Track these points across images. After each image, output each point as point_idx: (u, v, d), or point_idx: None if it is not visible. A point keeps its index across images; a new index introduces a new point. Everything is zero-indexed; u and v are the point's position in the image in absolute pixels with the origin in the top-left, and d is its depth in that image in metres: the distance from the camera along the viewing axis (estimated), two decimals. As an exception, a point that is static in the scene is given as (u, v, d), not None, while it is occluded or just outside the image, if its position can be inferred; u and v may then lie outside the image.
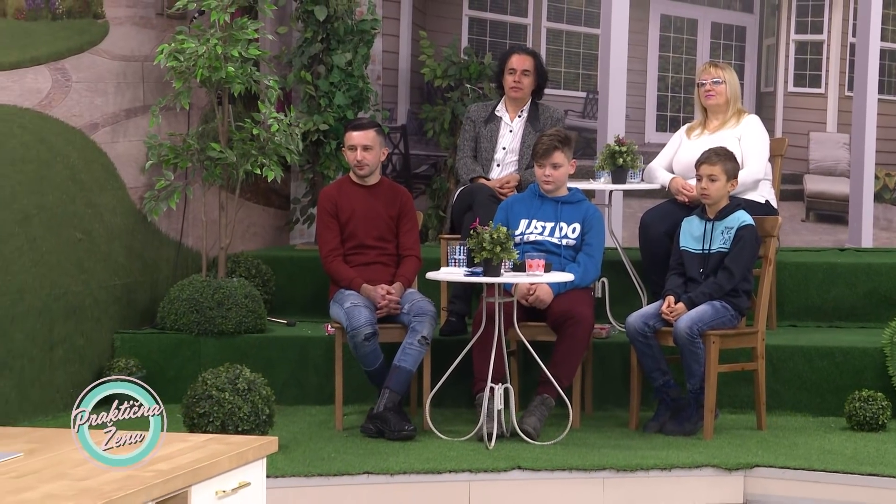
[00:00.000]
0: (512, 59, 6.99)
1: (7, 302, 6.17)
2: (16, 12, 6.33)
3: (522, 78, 6.93)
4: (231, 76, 6.69)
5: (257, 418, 5.70)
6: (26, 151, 6.36)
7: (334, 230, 6.35)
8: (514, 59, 6.97)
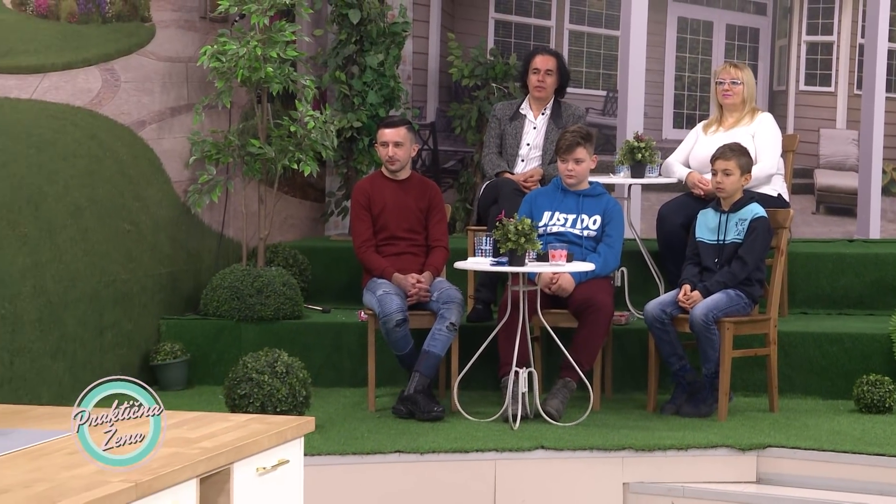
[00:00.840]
0: (536, 59, 6.98)
1: (60, 289, 6.21)
2: (68, 16, 6.36)
3: (546, 77, 6.92)
4: (270, 76, 6.71)
5: (295, 400, 5.71)
6: (78, 147, 6.40)
7: (367, 222, 6.36)
8: (538, 60, 6.96)
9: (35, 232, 6.07)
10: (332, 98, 7.82)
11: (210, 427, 3.54)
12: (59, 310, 6.20)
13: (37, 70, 6.16)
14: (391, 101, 7.73)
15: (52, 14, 6.27)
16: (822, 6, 8.25)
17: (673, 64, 8.40)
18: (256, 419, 3.70)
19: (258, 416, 3.81)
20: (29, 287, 6.01)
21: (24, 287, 5.98)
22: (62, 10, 6.32)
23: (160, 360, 6.71)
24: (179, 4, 7.11)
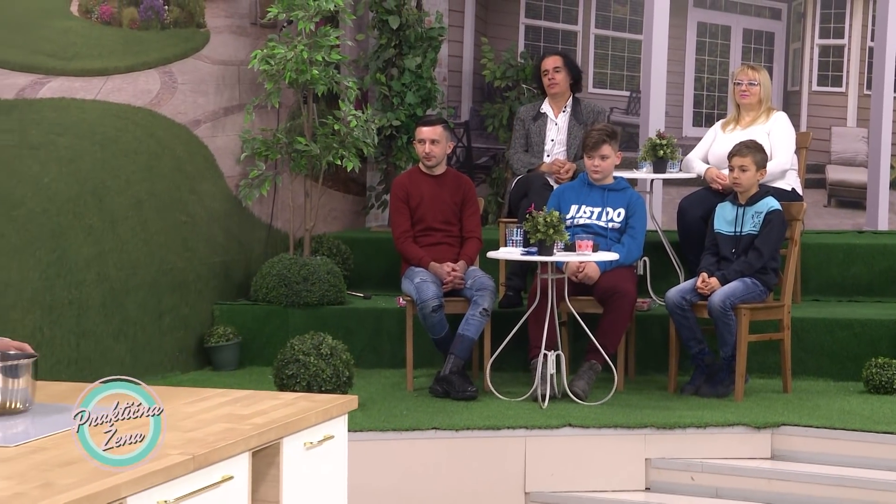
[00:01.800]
0: (544, 61, 7.05)
1: (122, 276, 6.26)
2: (130, 23, 6.39)
3: (555, 75, 6.95)
4: (315, 78, 6.73)
5: (338, 379, 5.73)
6: (139, 145, 6.44)
7: (405, 214, 6.37)
8: (546, 61, 7.03)
9: (99, 223, 6.12)
10: (373, 98, 7.83)
11: (261, 404, 3.54)
12: (120, 295, 6.24)
13: (101, 73, 6.20)
14: (428, 102, 7.73)
15: (115, 21, 6.30)
16: (834, 11, 8.20)
17: (693, 66, 8.37)
18: (304, 397, 3.70)
19: (305, 395, 3.81)
20: (93, 274, 6.06)
21: (89, 274, 6.03)
22: (124, 18, 6.35)
23: (214, 343, 6.74)
24: (232, 11, 7.14)
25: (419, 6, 7.94)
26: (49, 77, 5.89)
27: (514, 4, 8.54)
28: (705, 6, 8.41)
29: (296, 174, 7.12)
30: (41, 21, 5.89)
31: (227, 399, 3.59)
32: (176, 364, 6.63)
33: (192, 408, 3.47)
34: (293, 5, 6.76)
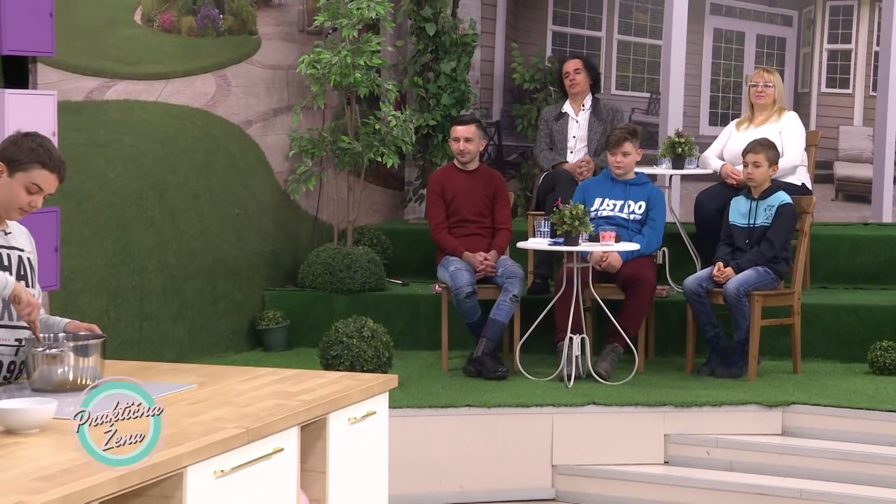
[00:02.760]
0: (565, 64, 7.04)
1: (181, 264, 6.29)
2: (188, 31, 6.42)
3: (576, 76, 6.94)
4: (358, 81, 6.74)
5: (379, 360, 5.75)
6: (196, 143, 6.47)
7: (441, 207, 6.37)
8: (567, 64, 7.02)
9: (159, 215, 6.15)
10: (411, 100, 7.83)
11: (308, 382, 3.56)
12: (179, 282, 6.28)
13: (161, 77, 6.22)
14: (462, 103, 7.73)
15: (174, 29, 6.33)
16: (842, 18, 8.15)
17: (709, 69, 8.33)
18: (347, 376, 3.70)
19: (349, 374, 3.80)
20: (154, 262, 6.09)
21: (151, 262, 6.07)
22: (183, 26, 6.38)
23: (264, 325, 6.77)
24: (281, 20, 7.16)
25: (454, 14, 7.93)
26: (115, 80, 5.92)
27: (542, 12, 8.52)
28: (721, 13, 8.36)
29: (339, 170, 7.13)
30: (108, 29, 5.92)
31: (278, 377, 3.61)
32: (230, 345, 6.67)
33: (245, 385, 3.49)
34: (338, 13, 6.77)
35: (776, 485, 5.27)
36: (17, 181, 3.36)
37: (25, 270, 3.47)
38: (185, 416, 3.09)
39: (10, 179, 3.36)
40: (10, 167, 3.36)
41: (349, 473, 3.49)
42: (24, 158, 3.35)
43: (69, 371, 3.32)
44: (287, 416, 3.16)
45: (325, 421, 3.35)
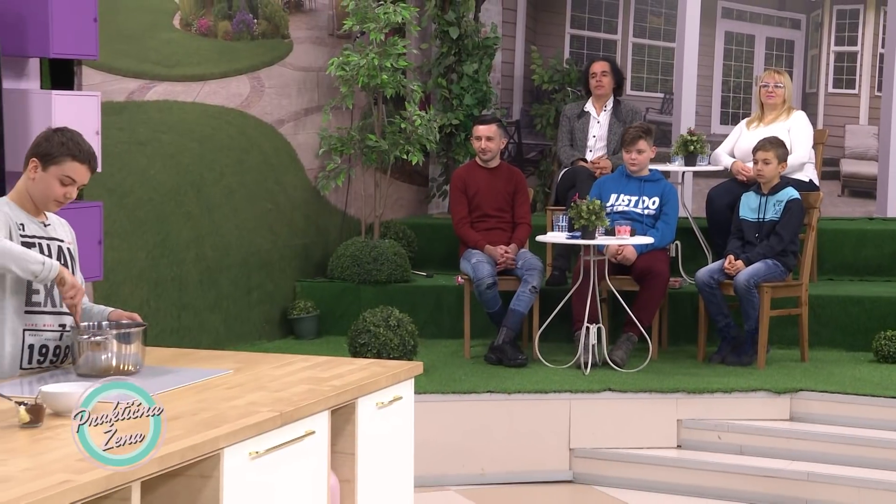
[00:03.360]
0: (592, 65, 7.00)
1: (217, 256, 6.31)
2: (224, 35, 6.44)
3: (602, 78, 6.91)
4: (385, 82, 6.74)
5: (405, 348, 5.75)
6: (231, 141, 6.48)
7: (463, 203, 6.37)
8: (594, 66, 6.98)
9: (197, 210, 6.17)
10: (435, 100, 7.83)
11: (338, 369, 3.57)
12: (215, 273, 6.30)
13: (199, 78, 6.24)
14: (483, 103, 7.72)
15: (211, 33, 6.35)
16: (848, 21, 8.10)
17: (720, 70, 8.29)
18: (375, 363, 3.71)
19: (376, 361, 3.83)
20: (192, 255, 6.12)
21: (189, 255, 6.09)
22: (219, 30, 6.40)
23: (296, 315, 6.79)
24: (312, 24, 7.17)
25: (476, 18, 7.92)
26: (154, 82, 5.94)
27: (561, 16, 8.50)
28: (732, 17, 8.32)
29: (367, 167, 7.14)
30: (148, 33, 5.94)
31: (309, 364, 3.62)
32: (263, 333, 6.69)
33: (279, 371, 3.51)
34: (366, 18, 6.77)
35: (784, 468, 5.26)
36: (51, 174, 3.40)
37: (66, 260, 3.50)
38: (221, 401, 3.11)
39: (44, 173, 3.40)
40: (43, 162, 3.40)
41: (377, 455, 3.50)
42: (56, 152, 3.38)
43: (112, 357, 3.35)
44: (318, 400, 3.17)
45: (354, 405, 3.37)
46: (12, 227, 3.37)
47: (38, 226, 3.46)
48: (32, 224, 3.44)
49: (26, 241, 3.39)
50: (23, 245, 3.36)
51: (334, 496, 3.33)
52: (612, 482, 5.45)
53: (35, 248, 3.40)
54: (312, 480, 3.18)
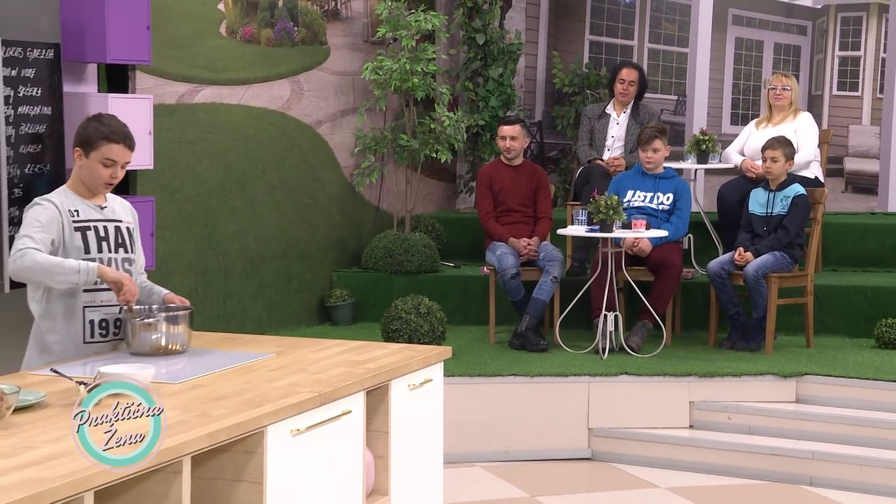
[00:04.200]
0: (622, 71, 6.90)
1: (259, 248, 6.34)
2: (266, 41, 6.45)
3: (629, 87, 6.85)
4: (416, 86, 6.74)
5: (434, 333, 5.76)
6: (272, 141, 6.50)
7: (489, 198, 6.36)
8: (624, 72, 6.89)
9: (241, 205, 6.20)
10: (463, 102, 7.82)
11: (372, 353, 3.57)
12: (258, 264, 6.32)
13: (243, 82, 6.26)
14: (508, 105, 7.71)
15: (254, 40, 6.37)
16: (852, 28, 8.03)
17: (731, 74, 8.24)
18: (407, 348, 3.72)
19: (408, 345, 3.81)
20: (237, 246, 6.14)
21: (233, 246, 6.11)
22: (262, 37, 6.41)
23: (332, 302, 6.81)
24: (348, 31, 7.17)
25: (501, 25, 7.90)
26: (202, 86, 5.97)
27: (581, 23, 8.46)
28: (742, 24, 8.27)
29: (399, 165, 7.14)
30: (197, 41, 5.96)
31: (345, 348, 3.63)
32: (302, 320, 6.71)
33: (317, 355, 3.52)
34: (398, 25, 6.77)
35: (790, 447, 5.23)
36: (93, 160, 3.44)
37: (123, 238, 3.54)
38: (264, 382, 3.12)
39: (87, 160, 3.44)
40: (84, 149, 3.44)
41: (409, 433, 3.51)
42: (93, 137, 3.42)
43: (162, 337, 3.38)
44: (354, 382, 3.18)
45: (387, 387, 3.37)
46: (64, 218, 3.41)
47: (93, 209, 3.49)
48: (88, 208, 3.48)
49: (79, 226, 3.43)
50: (76, 230, 3.40)
51: (369, 471, 3.34)
52: (629, 460, 5.44)
53: (90, 231, 3.44)
54: (349, 456, 3.18)
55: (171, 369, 3.25)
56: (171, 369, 3.24)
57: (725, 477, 5.23)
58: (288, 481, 2.90)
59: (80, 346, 3.42)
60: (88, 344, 3.44)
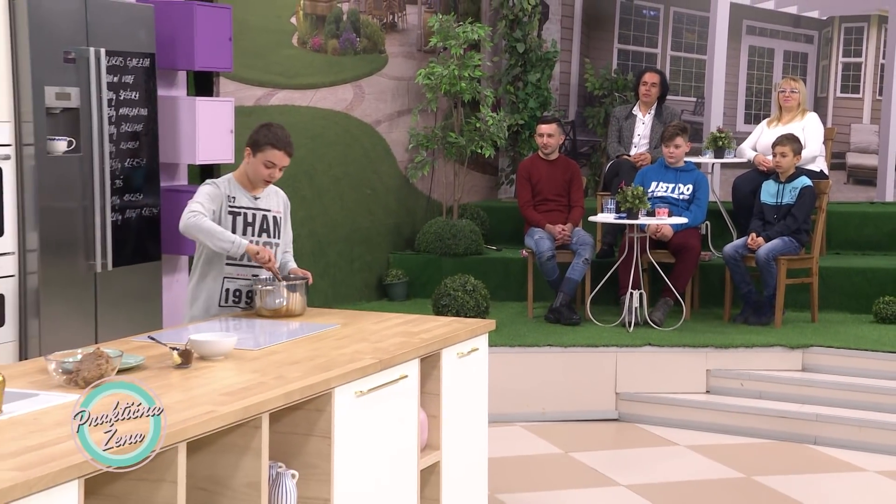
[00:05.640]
0: (645, 75, 6.85)
1: (326, 232, 6.37)
2: (332, 51, 6.47)
3: (651, 89, 6.78)
4: (463, 89, 6.72)
5: (478, 308, 5.76)
6: (337, 138, 6.52)
7: (527, 189, 6.33)
8: (647, 76, 6.83)
9: (310, 195, 6.23)
10: (504, 104, 7.79)
11: (425, 325, 3.58)
12: (324, 246, 6.36)
13: (312, 87, 6.28)
14: (545, 106, 7.66)
15: (322, 50, 6.38)
16: (854, 37, 7.90)
17: (744, 78, 8.14)
18: (455, 321, 3.72)
19: (456, 319, 3.82)
20: (306, 231, 6.18)
21: (303, 231, 6.15)
22: (328, 47, 6.43)
23: (389, 281, 6.82)
24: (404, 41, 7.16)
25: (539, 36, 7.84)
26: (277, 90, 6.00)
27: (610, 33, 8.39)
28: (755, 33, 8.15)
29: (448, 159, 7.13)
30: (272, 50, 5.99)
31: (401, 321, 3.64)
32: (362, 296, 6.74)
33: (377, 326, 3.53)
34: (448, 36, 6.75)
35: (797, 410, 5.18)
36: (258, 160, 3.63)
37: (268, 225, 3.70)
38: (332, 349, 3.14)
39: (254, 159, 3.63)
40: (253, 150, 3.64)
41: (457, 395, 3.51)
42: (262, 142, 3.62)
43: (283, 301, 3.55)
44: (410, 350, 3.19)
45: (439, 355, 3.38)
46: (223, 200, 3.61)
47: (248, 199, 3.66)
48: (244, 197, 3.65)
49: (232, 211, 3.62)
50: (229, 213, 3.60)
51: (423, 428, 3.35)
52: (651, 421, 5.41)
53: (240, 216, 3.62)
54: (405, 415, 3.20)
55: (252, 337, 3.27)
56: (251, 337, 3.27)
57: (738, 436, 5.19)
58: (353, 436, 2.92)
59: (216, 307, 3.62)
60: (223, 307, 3.63)
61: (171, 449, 2.31)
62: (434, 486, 3.38)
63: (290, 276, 3.69)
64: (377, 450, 3.04)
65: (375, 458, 3.03)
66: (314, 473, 2.83)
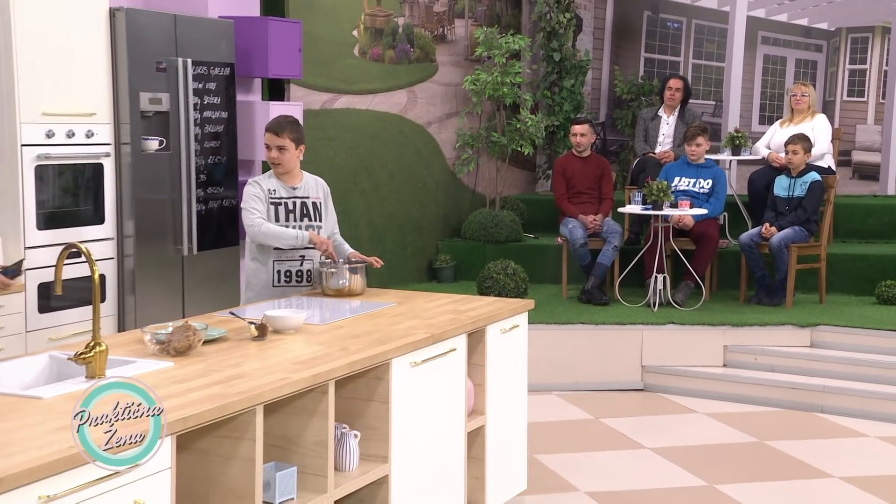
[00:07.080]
0: (670, 80, 6.75)
1: (382, 222, 6.38)
2: (389, 60, 6.46)
3: (675, 93, 6.68)
4: (505, 94, 6.67)
5: (518, 290, 5.73)
6: (393, 138, 6.52)
7: (562, 183, 6.28)
8: (671, 81, 6.73)
9: (368, 188, 6.24)
10: (542, 107, 7.72)
11: (471, 304, 3.57)
12: (381, 234, 6.37)
13: (371, 92, 6.29)
14: (578, 108, 7.58)
15: (380, 59, 6.38)
16: (860, 46, 7.72)
17: (759, 83, 7.99)
18: (498, 300, 3.70)
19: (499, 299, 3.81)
20: (365, 221, 6.19)
21: (362, 221, 6.16)
22: (385, 57, 6.42)
23: (438, 265, 6.81)
24: (453, 51, 7.13)
25: (573, 46, 7.76)
26: (340, 95, 6.01)
27: (637, 44, 8.27)
28: (769, 43, 8.00)
29: (491, 157, 7.10)
30: (336, 60, 6.00)
31: (450, 300, 3.64)
32: (414, 278, 6.74)
33: (428, 304, 3.53)
34: (492, 46, 6.71)
35: (805, 382, 5.10)
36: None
37: (308, 211, 3.70)
38: (388, 325, 3.15)
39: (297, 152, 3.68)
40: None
41: (500, 367, 3.50)
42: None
43: (346, 282, 3.56)
44: (458, 326, 3.19)
45: (484, 330, 3.37)
46: (265, 194, 3.62)
47: (286, 189, 3.68)
48: (281, 188, 3.64)
49: (273, 202, 3.63)
50: (271, 204, 3.59)
51: (470, 395, 3.34)
52: (674, 391, 5.36)
53: (281, 206, 3.63)
54: (454, 383, 3.19)
55: (319, 314, 3.29)
56: (318, 314, 3.28)
57: (752, 405, 5.13)
58: (408, 401, 2.93)
59: (269, 287, 3.65)
60: (276, 287, 3.66)
61: (250, 411, 2.33)
62: (479, 447, 3.38)
63: (350, 259, 3.70)
64: (429, 414, 3.05)
65: (428, 421, 3.04)
66: (374, 434, 2.84)
